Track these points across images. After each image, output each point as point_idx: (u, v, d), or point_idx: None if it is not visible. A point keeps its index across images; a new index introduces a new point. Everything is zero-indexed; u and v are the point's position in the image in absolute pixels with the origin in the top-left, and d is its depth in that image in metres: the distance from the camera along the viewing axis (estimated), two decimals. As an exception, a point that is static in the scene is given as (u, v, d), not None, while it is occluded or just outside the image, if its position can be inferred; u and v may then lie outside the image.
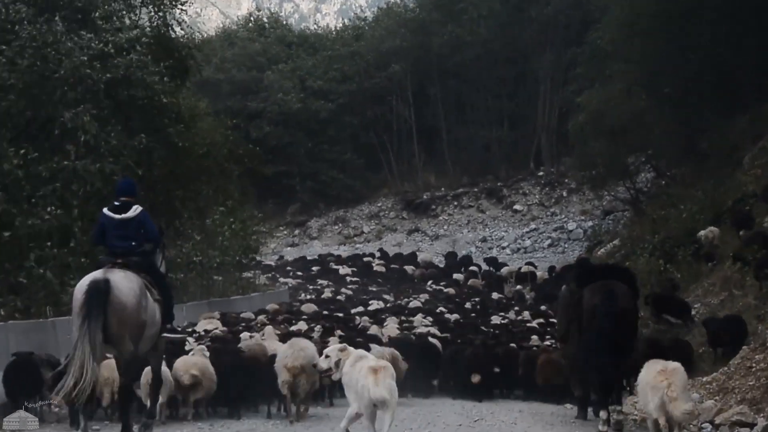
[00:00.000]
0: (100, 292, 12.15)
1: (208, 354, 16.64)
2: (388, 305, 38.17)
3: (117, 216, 13.22)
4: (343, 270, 53.08)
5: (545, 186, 67.33)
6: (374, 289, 47.56)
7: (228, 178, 39.05)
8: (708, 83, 41.34)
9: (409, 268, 53.53)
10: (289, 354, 15.47)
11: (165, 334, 13.93)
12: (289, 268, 56.00)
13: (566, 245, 59.53)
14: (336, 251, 64.21)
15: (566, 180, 64.82)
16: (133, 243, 13.26)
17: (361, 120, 73.75)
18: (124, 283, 12.51)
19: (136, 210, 13.31)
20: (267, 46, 79.10)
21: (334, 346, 12.73)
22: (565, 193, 65.76)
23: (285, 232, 71.88)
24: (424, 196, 70.23)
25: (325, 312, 31.44)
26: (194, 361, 15.89)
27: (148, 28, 31.80)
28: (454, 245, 63.56)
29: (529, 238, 62.50)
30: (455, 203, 69.28)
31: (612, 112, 45.48)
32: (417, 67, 72.08)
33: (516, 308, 38.44)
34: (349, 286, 47.56)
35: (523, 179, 68.66)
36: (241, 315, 29.59)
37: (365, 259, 56.92)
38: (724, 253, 27.47)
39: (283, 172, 70.69)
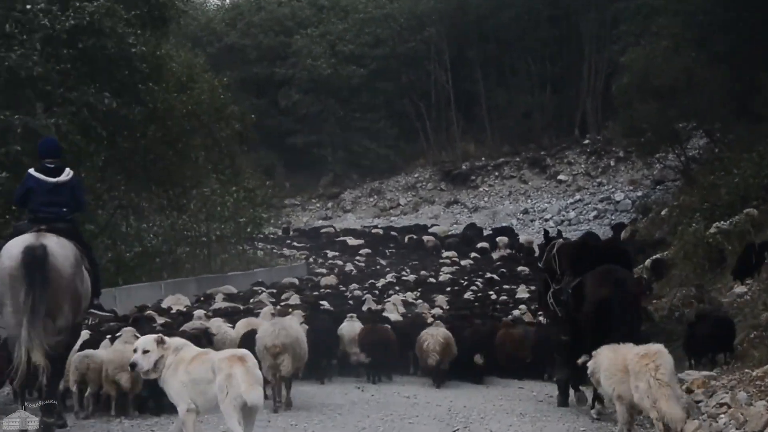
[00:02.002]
0: (38, 259, 11.32)
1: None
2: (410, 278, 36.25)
3: (51, 179, 12.29)
4: (352, 241, 51.48)
5: (591, 154, 64.30)
6: (384, 262, 45.75)
7: (216, 142, 35.24)
8: (763, 38, 37.69)
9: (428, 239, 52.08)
10: (269, 333, 14.31)
11: (92, 311, 13.13)
12: (292, 242, 53.75)
13: (613, 217, 56.20)
14: (371, 224, 62.34)
15: (614, 148, 61.54)
16: (64, 209, 12.39)
17: (396, 86, 71.14)
18: (60, 250, 11.68)
19: (68, 174, 12.49)
20: (296, 10, 76.21)
21: (147, 337, 10.08)
22: (612, 162, 62.75)
23: (317, 205, 69.82)
24: (463, 167, 67.60)
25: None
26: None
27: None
28: (494, 217, 61.54)
29: (573, 209, 59.70)
30: (496, 173, 66.70)
31: (659, 71, 42.20)
32: (454, 29, 69.22)
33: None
34: (358, 258, 46.04)
35: (568, 147, 65.67)
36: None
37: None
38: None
39: (314, 141, 69.24)
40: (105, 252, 28.38)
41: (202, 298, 24.18)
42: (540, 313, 21.20)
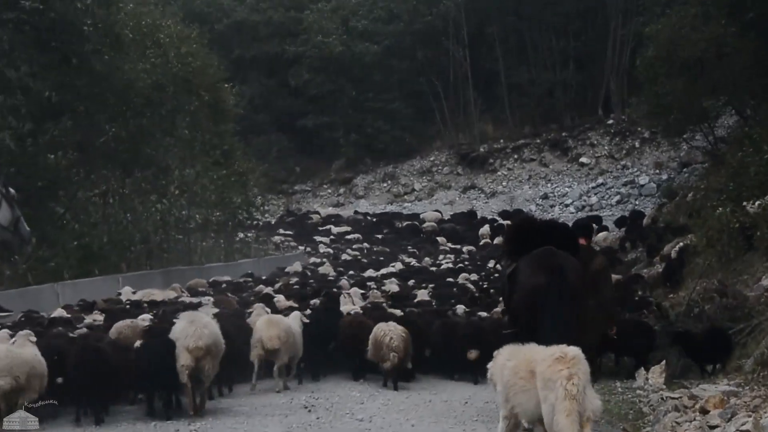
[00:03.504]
0: None
1: (34, 340, 12.75)
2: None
3: None
4: (336, 228, 50.73)
5: (615, 135, 61.29)
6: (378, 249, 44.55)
7: (187, 115, 32.27)
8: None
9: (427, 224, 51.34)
10: (190, 333, 13.17)
11: None
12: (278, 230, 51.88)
13: (637, 201, 54.02)
14: (382, 210, 60.79)
15: (639, 128, 58.73)
16: None
17: (411, 64, 68.39)
18: None
19: None
20: (308, -18, 73.88)
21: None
22: (637, 144, 59.86)
23: (329, 191, 67.42)
24: (481, 149, 64.80)
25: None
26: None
27: None
28: (511, 203, 59.00)
29: (595, 194, 57.26)
30: (515, 156, 63.90)
31: (686, 42, 39.29)
32: (472, 3, 66.24)
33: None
34: (354, 246, 45.03)
35: (591, 128, 62.64)
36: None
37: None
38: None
39: (325, 123, 66.78)
40: (71, 239, 25.62)
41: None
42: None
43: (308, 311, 17.45)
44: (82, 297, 20.90)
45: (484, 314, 18.57)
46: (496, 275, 23.98)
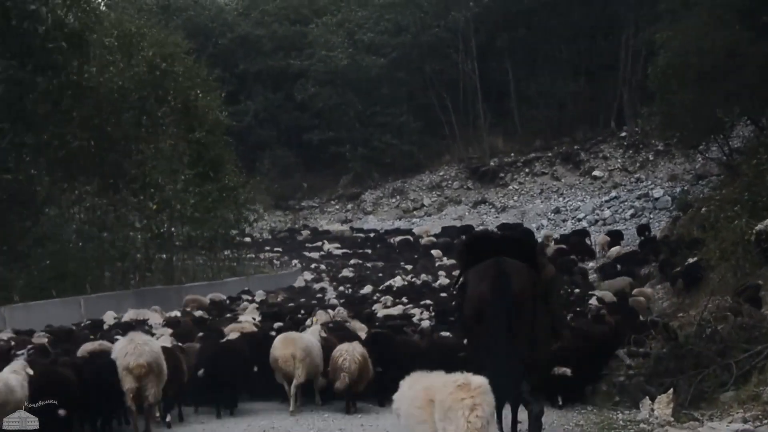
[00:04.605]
0: None
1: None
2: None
3: None
4: (327, 245, 50.56)
5: (628, 148, 60.22)
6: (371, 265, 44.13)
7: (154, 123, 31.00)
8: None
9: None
10: (129, 351, 12.67)
11: None
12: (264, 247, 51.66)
13: (651, 215, 52.75)
14: (391, 227, 60.10)
15: (652, 141, 57.17)
16: None
17: (419, 77, 67.78)
18: None
19: None
20: (313, -4, 73.37)
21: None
22: (651, 156, 58.66)
23: (337, 207, 66.64)
24: (491, 163, 63.86)
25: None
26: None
27: None
28: (522, 217, 57.82)
29: (608, 207, 55.91)
30: (526, 170, 62.95)
31: (698, 49, 37.99)
32: (481, 14, 65.66)
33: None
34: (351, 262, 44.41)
35: (603, 141, 61.72)
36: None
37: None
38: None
39: (332, 138, 66.00)
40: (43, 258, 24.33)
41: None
42: None
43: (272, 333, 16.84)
44: (33, 321, 19.38)
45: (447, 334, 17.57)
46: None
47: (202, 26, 66.80)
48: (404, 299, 25.83)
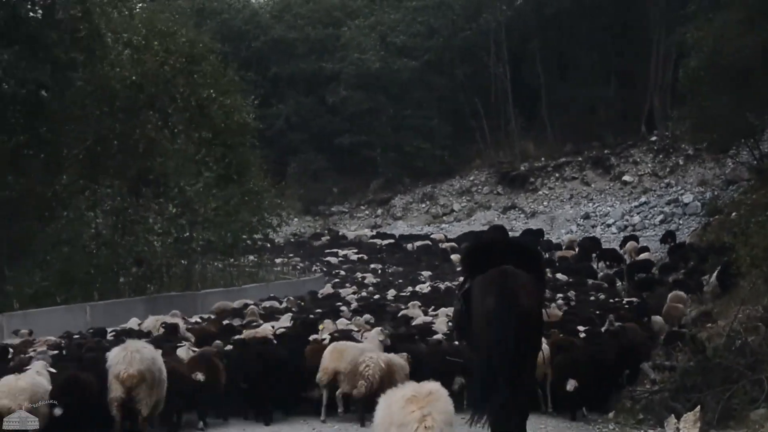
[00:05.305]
0: None
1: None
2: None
3: None
4: (343, 251, 50.59)
5: (659, 152, 59.47)
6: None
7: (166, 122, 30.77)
8: None
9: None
10: (121, 359, 12.15)
11: None
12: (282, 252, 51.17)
13: (681, 221, 52.00)
14: (419, 232, 59.66)
15: (683, 145, 56.74)
16: None
17: (450, 81, 67.41)
18: None
19: None
20: (346, 0, 73.00)
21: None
22: (681, 161, 57.93)
23: (366, 212, 66.49)
24: (522, 168, 63.50)
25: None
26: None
27: None
28: (552, 223, 57.80)
29: (638, 213, 55.29)
30: (556, 175, 62.56)
31: (730, 50, 37.31)
32: (513, 18, 65.91)
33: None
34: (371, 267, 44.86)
35: (634, 145, 61.01)
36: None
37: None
38: None
39: (363, 142, 65.75)
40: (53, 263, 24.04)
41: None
42: None
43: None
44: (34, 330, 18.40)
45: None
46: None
47: (236, 29, 66.86)
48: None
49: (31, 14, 23.60)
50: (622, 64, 63.41)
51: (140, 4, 36.05)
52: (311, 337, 16.53)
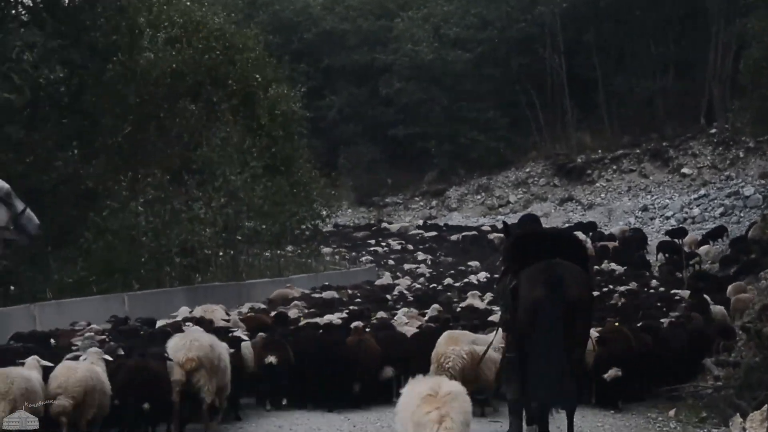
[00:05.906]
0: None
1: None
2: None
3: None
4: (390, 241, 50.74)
5: (718, 145, 58.32)
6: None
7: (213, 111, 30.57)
8: None
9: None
10: (180, 346, 12.12)
11: None
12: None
13: (741, 213, 51.03)
14: (476, 224, 58.85)
15: (743, 138, 55.70)
16: None
17: (505, 72, 66.32)
18: None
19: None
20: (399, -9, 72.60)
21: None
22: (742, 153, 56.93)
23: (421, 204, 65.91)
24: (579, 160, 62.55)
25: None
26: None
27: None
28: (609, 215, 57.05)
29: (697, 206, 54.34)
30: (614, 167, 61.49)
31: None
32: (568, 9, 64.40)
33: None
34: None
35: (693, 137, 59.83)
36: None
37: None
38: None
39: (417, 133, 65.11)
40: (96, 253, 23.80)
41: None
42: None
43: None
44: (66, 321, 17.34)
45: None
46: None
47: (287, 21, 66.83)
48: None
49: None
50: (681, 54, 62.30)
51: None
52: (352, 325, 16.01)
